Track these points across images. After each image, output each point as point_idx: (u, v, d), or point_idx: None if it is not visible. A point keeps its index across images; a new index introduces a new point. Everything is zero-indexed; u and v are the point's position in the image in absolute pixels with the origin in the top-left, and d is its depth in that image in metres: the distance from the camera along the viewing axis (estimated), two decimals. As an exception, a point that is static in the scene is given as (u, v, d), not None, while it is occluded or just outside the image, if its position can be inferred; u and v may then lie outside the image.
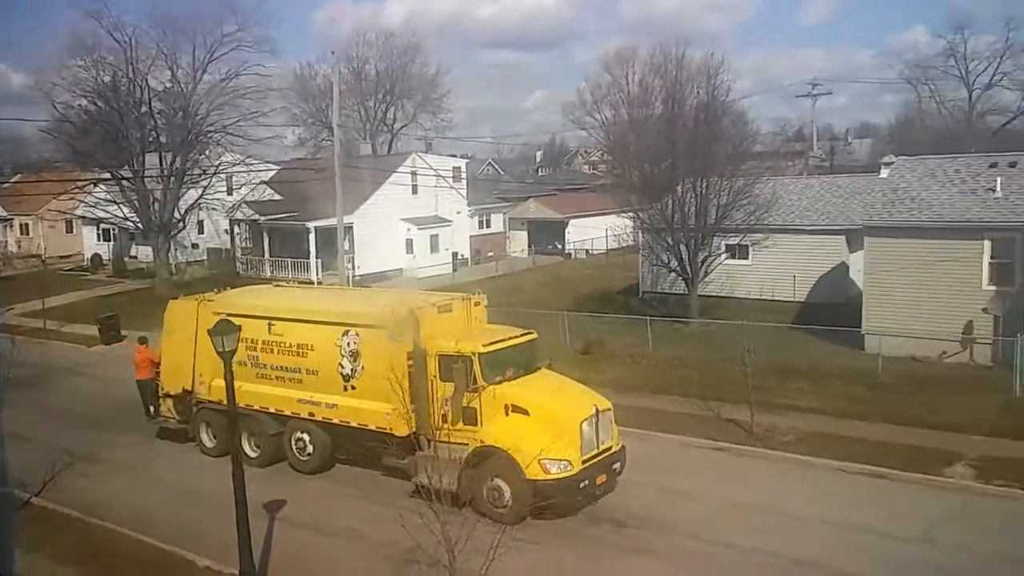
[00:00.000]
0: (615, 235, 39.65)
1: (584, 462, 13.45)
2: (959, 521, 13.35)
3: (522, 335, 15.18)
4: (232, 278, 34.41)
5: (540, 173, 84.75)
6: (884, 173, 28.18)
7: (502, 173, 74.10)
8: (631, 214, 33.34)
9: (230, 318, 16.20)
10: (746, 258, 32.24)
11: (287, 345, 16.04)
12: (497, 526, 9.24)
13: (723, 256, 30.16)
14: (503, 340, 14.68)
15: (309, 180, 40.11)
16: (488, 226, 55.80)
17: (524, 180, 72.03)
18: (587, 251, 54.33)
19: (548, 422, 13.60)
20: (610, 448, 14.20)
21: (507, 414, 13.74)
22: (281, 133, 59.87)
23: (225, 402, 15.52)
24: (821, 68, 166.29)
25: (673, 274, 30.30)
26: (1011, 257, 22.58)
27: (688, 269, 29.18)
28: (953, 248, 22.94)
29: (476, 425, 13.82)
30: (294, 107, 63.83)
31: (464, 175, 51.64)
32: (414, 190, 47.00)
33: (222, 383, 15.67)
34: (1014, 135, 56.70)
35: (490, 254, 52.26)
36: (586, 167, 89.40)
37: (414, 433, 13.79)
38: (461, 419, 13.75)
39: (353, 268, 40.03)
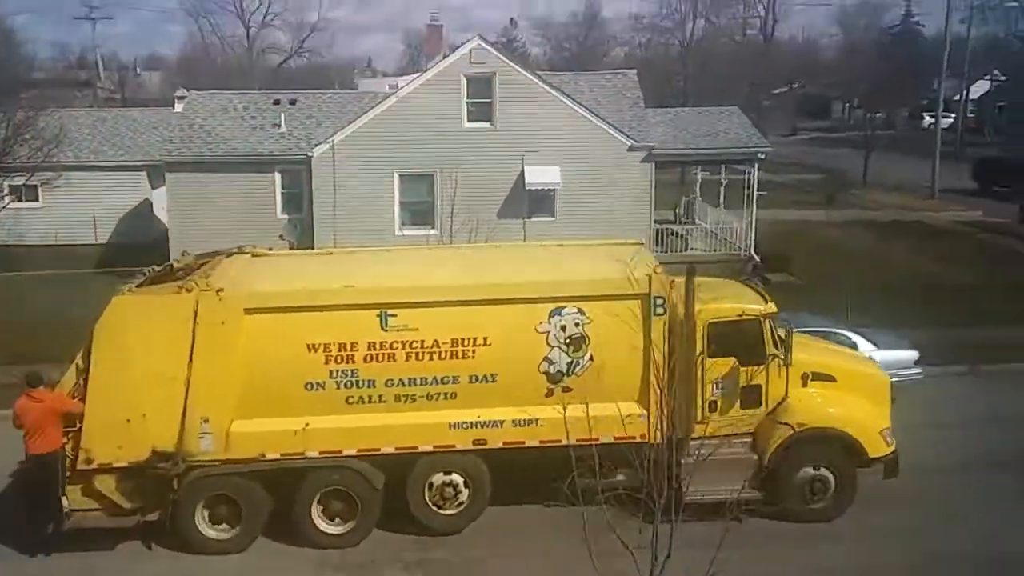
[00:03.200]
0: None
1: None
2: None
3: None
4: None
5: None
6: (179, 107, 28.34)
7: None
8: None
9: (290, 312, 10.64)
10: (36, 200, 29.13)
11: (424, 345, 10.76)
12: None
13: (7, 198, 26.68)
14: (763, 292, 12.24)
15: None
16: None
17: None
18: None
19: (861, 386, 11.84)
20: None
21: (805, 384, 11.54)
22: None
23: (265, 455, 10.70)
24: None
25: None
26: (299, 187, 25.09)
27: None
28: (249, 181, 24.76)
29: (759, 407, 11.38)
30: None
31: None
32: None
33: (256, 427, 10.61)
34: (291, 72, 62.79)
35: None
36: None
37: (675, 435, 10.13)
38: (739, 402, 11.28)
39: None
